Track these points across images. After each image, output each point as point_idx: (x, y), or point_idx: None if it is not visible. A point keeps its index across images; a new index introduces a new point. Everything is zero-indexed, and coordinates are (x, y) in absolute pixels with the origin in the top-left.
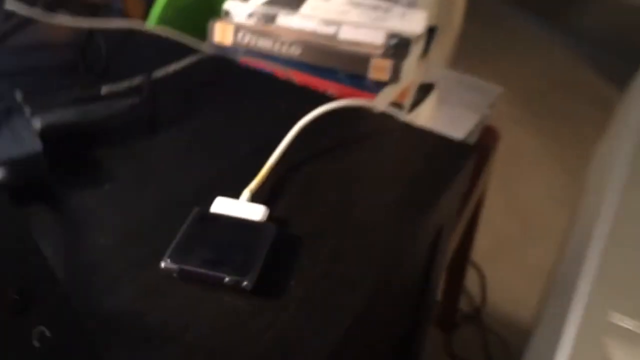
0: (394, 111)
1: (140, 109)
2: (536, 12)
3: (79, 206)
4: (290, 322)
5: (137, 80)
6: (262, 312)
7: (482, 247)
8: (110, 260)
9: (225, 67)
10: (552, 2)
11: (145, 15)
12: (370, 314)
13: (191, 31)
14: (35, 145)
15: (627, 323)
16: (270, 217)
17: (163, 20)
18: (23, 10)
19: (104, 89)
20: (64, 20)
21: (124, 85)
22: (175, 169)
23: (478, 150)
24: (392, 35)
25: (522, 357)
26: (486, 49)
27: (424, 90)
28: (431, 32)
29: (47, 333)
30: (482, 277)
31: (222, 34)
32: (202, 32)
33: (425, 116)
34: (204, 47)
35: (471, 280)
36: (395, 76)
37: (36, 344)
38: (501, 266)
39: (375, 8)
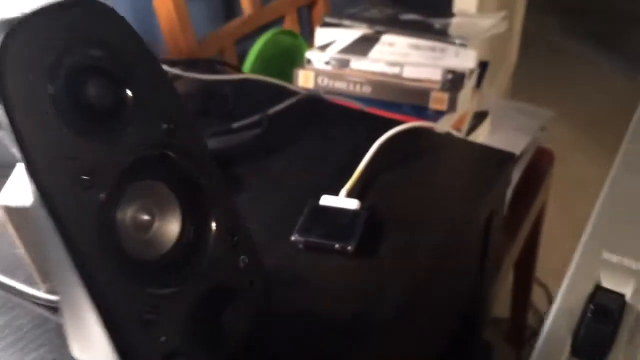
0: (451, 131)
1: (260, 138)
2: (593, 39)
3: None
4: (380, 274)
5: (257, 117)
6: (361, 268)
7: (548, 267)
8: (258, 237)
9: (317, 103)
10: (609, 29)
11: (237, 66)
12: (438, 270)
13: (275, 77)
14: None
15: (616, 259)
16: (361, 207)
17: (253, 69)
18: (167, 69)
19: (235, 124)
20: (197, 75)
21: (249, 121)
22: (288, 179)
23: (532, 168)
24: (448, 72)
25: None
26: (545, 78)
27: (480, 117)
28: (484, 66)
29: (247, 260)
30: (549, 295)
31: (304, 78)
32: (283, 77)
33: (481, 140)
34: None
35: (539, 298)
36: (452, 106)
37: (241, 264)
38: None
39: (432, 49)
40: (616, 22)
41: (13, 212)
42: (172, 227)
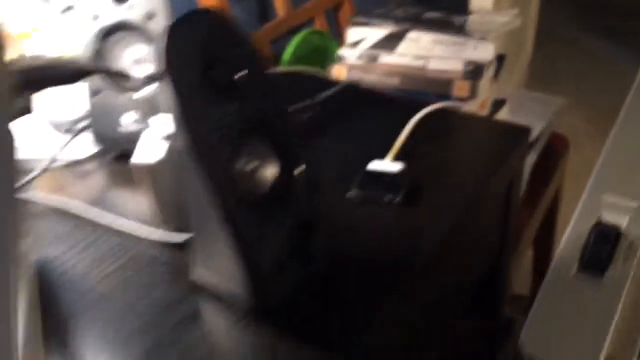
0: (474, 111)
1: (313, 119)
2: (608, 33)
3: None
4: (422, 218)
5: (309, 102)
6: (407, 214)
7: None
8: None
9: (358, 90)
10: (623, 23)
11: (275, 63)
12: (466, 219)
13: None
14: None
15: (614, 199)
16: (405, 168)
17: (289, 66)
18: None
19: (292, 108)
20: None
21: (302, 105)
22: (341, 150)
23: (547, 151)
24: (468, 63)
25: None
26: (560, 70)
27: (498, 105)
28: (501, 59)
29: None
30: None
31: (338, 72)
32: None
33: None
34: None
35: None
36: (473, 93)
37: (318, 204)
38: None
39: (454, 43)
40: (630, 16)
41: (145, 169)
42: (271, 172)
